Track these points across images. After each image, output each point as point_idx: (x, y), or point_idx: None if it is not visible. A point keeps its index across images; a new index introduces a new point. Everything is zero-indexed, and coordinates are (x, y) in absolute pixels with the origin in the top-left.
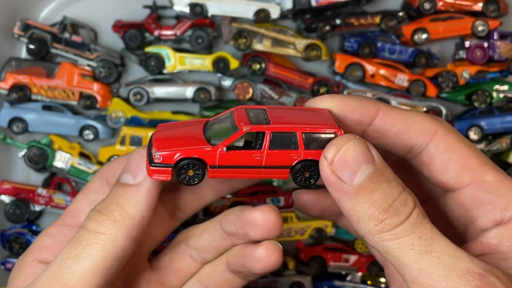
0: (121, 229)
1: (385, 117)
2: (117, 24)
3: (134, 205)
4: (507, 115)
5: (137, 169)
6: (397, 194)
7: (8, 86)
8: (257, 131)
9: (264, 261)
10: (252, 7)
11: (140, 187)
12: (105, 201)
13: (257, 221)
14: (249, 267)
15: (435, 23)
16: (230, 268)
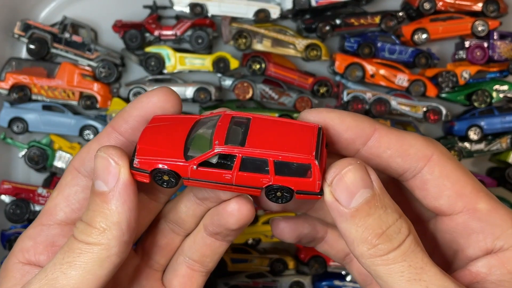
0: (112, 238)
1: (380, 139)
2: (117, 24)
3: (116, 212)
4: (507, 115)
5: (106, 175)
6: (392, 221)
7: (8, 86)
8: (228, 153)
9: (237, 214)
10: (252, 7)
11: (115, 193)
12: (89, 213)
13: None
14: (224, 223)
15: (435, 23)
16: (208, 232)
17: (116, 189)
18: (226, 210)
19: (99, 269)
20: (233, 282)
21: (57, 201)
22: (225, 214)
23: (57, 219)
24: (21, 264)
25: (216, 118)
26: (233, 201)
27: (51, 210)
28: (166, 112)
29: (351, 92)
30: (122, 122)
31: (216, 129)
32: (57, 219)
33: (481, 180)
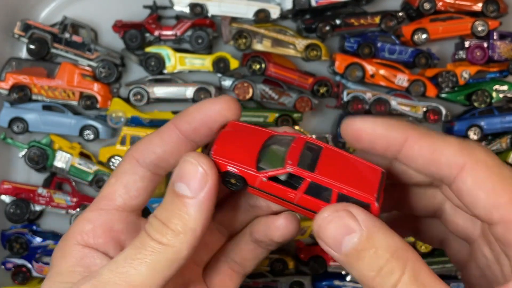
0: (184, 242)
1: (412, 148)
2: (117, 24)
3: (194, 218)
4: (506, 115)
5: (192, 180)
6: (383, 263)
7: (8, 86)
8: (298, 175)
9: (284, 230)
10: (252, 7)
11: (198, 201)
12: (165, 212)
13: None
14: (270, 235)
15: (435, 23)
16: (253, 238)
17: (200, 197)
18: (274, 224)
19: (167, 270)
20: None
21: (115, 187)
22: (273, 227)
23: (116, 205)
24: (80, 246)
25: (290, 139)
26: (282, 216)
27: (109, 195)
28: (226, 119)
29: (351, 92)
30: (185, 122)
31: (290, 150)
32: (116, 205)
33: None
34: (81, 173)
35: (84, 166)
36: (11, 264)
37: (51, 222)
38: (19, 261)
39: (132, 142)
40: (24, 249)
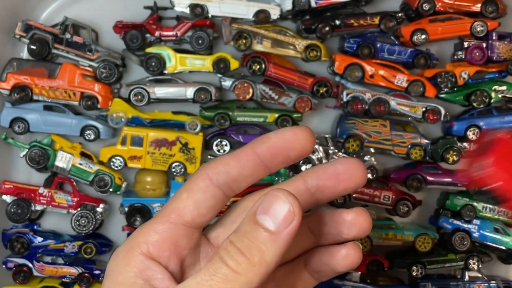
0: (258, 275)
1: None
2: (118, 25)
3: (273, 254)
4: (505, 115)
5: (280, 217)
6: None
7: (9, 87)
8: None
9: (351, 259)
10: (252, 8)
11: (280, 237)
12: (245, 240)
13: (354, 222)
14: (334, 265)
15: (434, 23)
16: (310, 268)
17: (283, 234)
18: (340, 253)
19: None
20: None
21: (187, 203)
22: (339, 256)
23: (184, 220)
24: (144, 257)
25: None
26: (348, 246)
27: (180, 210)
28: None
29: (350, 93)
30: (264, 147)
31: None
32: (184, 220)
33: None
34: (82, 172)
35: (85, 166)
36: (12, 263)
37: (52, 222)
38: (20, 261)
39: (132, 142)
40: (25, 249)
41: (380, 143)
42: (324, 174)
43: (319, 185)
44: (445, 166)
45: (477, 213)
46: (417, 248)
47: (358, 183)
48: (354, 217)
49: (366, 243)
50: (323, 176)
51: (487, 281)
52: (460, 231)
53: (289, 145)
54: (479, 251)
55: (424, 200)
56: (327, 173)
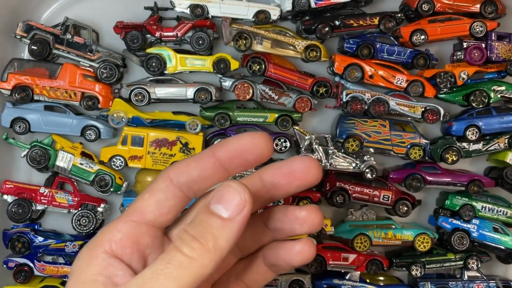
0: (212, 259)
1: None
2: (118, 25)
3: (226, 238)
4: (504, 115)
5: (232, 204)
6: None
7: (10, 87)
8: None
9: (304, 254)
10: (252, 9)
11: (232, 223)
12: (198, 228)
13: (305, 219)
14: (289, 260)
15: (433, 24)
16: (267, 262)
17: (236, 220)
18: (294, 249)
19: (192, 284)
20: None
21: (148, 202)
22: (293, 252)
23: (147, 219)
24: (107, 255)
25: None
26: (303, 242)
27: (142, 209)
28: (262, 153)
29: (350, 93)
30: (223, 150)
31: None
32: (147, 219)
33: (479, 180)
34: (82, 172)
35: (86, 166)
36: (13, 263)
37: (53, 222)
38: (21, 260)
39: (133, 142)
40: (26, 248)
41: (379, 143)
42: (279, 172)
43: (274, 182)
44: (444, 166)
45: (476, 212)
46: (417, 248)
47: (312, 181)
48: (306, 214)
49: (365, 242)
50: (278, 173)
51: (486, 281)
52: (459, 231)
53: (247, 150)
54: (478, 250)
55: (424, 199)
56: (282, 171)
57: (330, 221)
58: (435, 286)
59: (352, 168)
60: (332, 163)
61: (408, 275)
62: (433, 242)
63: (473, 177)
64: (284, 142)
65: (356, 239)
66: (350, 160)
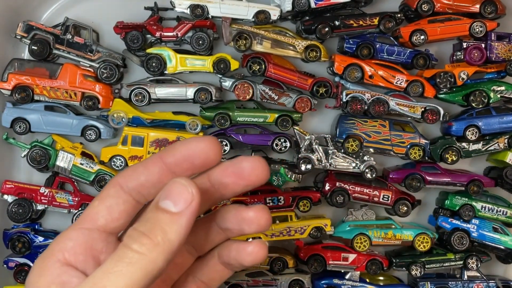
0: (162, 253)
1: None
2: (118, 26)
3: (175, 232)
4: (504, 115)
5: (180, 199)
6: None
7: (11, 87)
8: None
9: (255, 256)
10: (252, 9)
11: (181, 216)
12: (147, 224)
13: (253, 219)
14: (240, 260)
15: (433, 24)
16: (222, 261)
17: (184, 214)
18: (245, 250)
19: (143, 280)
20: (233, 281)
21: (98, 209)
22: (244, 253)
23: (98, 225)
24: (60, 264)
25: None
26: (253, 243)
27: (92, 216)
28: (208, 157)
29: (350, 93)
30: (170, 155)
31: None
32: (98, 225)
33: (479, 180)
34: (83, 172)
35: (86, 166)
36: (13, 263)
37: (53, 221)
38: (21, 260)
39: (133, 142)
40: (26, 248)
41: (379, 143)
42: (226, 171)
43: (222, 181)
44: (444, 166)
45: (476, 212)
46: (416, 248)
47: (258, 181)
48: (253, 215)
49: (365, 242)
50: (225, 173)
51: (486, 281)
52: (459, 231)
53: (194, 154)
54: (478, 250)
55: (423, 199)
56: (229, 171)
57: (330, 221)
58: (435, 286)
59: (352, 168)
60: (332, 163)
61: (408, 275)
62: (432, 242)
63: (473, 177)
64: (284, 142)
65: (356, 239)
66: (350, 160)
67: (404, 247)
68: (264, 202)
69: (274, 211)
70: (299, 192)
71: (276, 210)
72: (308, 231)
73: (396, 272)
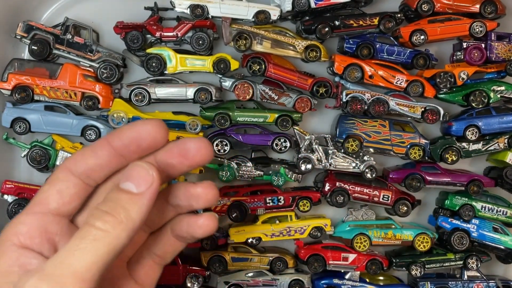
0: (125, 230)
1: None
2: (118, 26)
3: (137, 211)
4: (504, 115)
5: (141, 181)
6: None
7: (11, 87)
8: None
9: (205, 228)
10: (252, 9)
11: (143, 197)
12: (110, 204)
13: (200, 195)
14: (192, 232)
15: (433, 24)
16: (174, 234)
17: (145, 194)
18: (197, 223)
19: (107, 256)
20: (233, 281)
21: (49, 193)
22: (196, 226)
23: (50, 208)
24: (16, 247)
25: None
26: (204, 216)
27: (43, 200)
28: (155, 139)
29: (350, 93)
30: (117, 138)
31: None
32: (50, 208)
33: (479, 180)
34: None
35: None
36: None
37: None
38: None
39: None
40: None
41: (379, 143)
42: (171, 153)
43: (168, 162)
44: (444, 166)
45: (476, 212)
46: (416, 248)
47: (204, 161)
48: (201, 191)
49: (365, 242)
50: (172, 154)
51: (486, 281)
52: (459, 231)
53: (141, 137)
54: (478, 250)
55: (423, 199)
56: (174, 152)
57: (330, 221)
58: (435, 286)
59: (352, 168)
60: (332, 163)
61: (408, 275)
62: (432, 242)
63: (473, 177)
64: (284, 142)
65: (356, 239)
66: (350, 160)
67: (404, 247)
68: (264, 202)
69: (274, 211)
70: (299, 192)
71: (276, 210)
72: (308, 231)
73: (396, 272)
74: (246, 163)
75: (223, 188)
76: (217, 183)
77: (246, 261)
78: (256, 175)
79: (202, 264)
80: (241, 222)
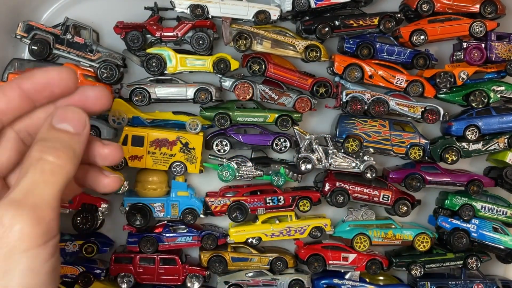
0: (75, 164)
1: None
2: (118, 26)
3: (79, 149)
4: (504, 115)
5: (77, 122)
6: None
7: None
8: None
9: (109, 187)
10: (252, 9)
11: (81, 136)
12: (54, 142)
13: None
14: (95, 187)
15: (433, 24)
16: (79, 183)
17: (82, 133)
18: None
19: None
20: (233, 280)
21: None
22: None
23: None
24: None
25: None
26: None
27: None
28: (67, 86)
29: (350, 93)
30: (28, 82)
31: None
32: None
33: (479, 179)
34: None
35: None
36: None
37: None
38: None
39: (133, 142)
40: None
41: (379, 143)
42: (72, 100)
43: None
44: (444, 166)
45: (476, 212)
46: (416, 248)
47: (103, 108)
48: (108, 152)
49: (365, 242)
50: (72, 101)
51: (486, 280)
52: (459, 231)
53: (53, 83)
54: (478, 250)
55: (423, 199)
56: (76, 99)
57: (330, 221)
58: (435, 285)
59: (352, 168)
60: (332, 163)
61: (408, 275)
62: (432, 242)
63: (473, 177)
64: (284, 142)
65: (356, 239)
66: (350, 160)
67: (404, 247)
68: (264, 202)
69: (274, 211)
70: (299, 192)
71: (276, 210)
72: (308, 231)
73: (396, 272)
74: (246, 163)
75: (223, 188)
76: (217, 183)
77: (246, 261)
78: (256, 175)
79: (202, 264)
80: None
